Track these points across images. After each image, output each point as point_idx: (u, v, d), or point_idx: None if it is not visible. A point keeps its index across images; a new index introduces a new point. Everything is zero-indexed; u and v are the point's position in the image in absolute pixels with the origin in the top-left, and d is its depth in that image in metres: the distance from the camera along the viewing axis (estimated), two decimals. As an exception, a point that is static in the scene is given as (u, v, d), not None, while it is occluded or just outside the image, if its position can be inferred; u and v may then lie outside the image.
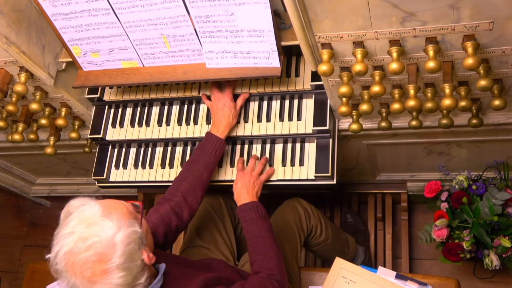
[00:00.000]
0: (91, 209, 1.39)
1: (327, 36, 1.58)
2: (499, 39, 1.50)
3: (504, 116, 1.96)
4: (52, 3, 1.80)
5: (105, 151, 2.30)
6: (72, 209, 1.42)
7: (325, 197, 2.87)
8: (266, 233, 1.86)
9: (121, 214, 1.40)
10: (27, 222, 3.58)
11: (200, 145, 2.01)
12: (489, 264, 2.25)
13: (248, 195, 1.95)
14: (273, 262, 1.79)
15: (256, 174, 2.03)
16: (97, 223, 1.36)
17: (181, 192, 1.90)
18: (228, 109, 2.03)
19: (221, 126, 2.02)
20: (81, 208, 1.40)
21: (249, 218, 1.89)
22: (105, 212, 1.38)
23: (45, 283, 2.21)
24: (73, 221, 1.37)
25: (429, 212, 2.68)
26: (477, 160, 2.31)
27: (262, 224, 1.88)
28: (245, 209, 1.92)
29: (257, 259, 1.81)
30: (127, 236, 1.37)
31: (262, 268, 1.77)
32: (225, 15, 1.73)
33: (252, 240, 1.85)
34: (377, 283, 1.94)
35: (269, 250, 1.82)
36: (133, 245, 1.38)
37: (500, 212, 2.20)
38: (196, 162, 1.97)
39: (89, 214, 1.38)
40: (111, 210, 1.40)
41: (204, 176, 1.96)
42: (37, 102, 2.11)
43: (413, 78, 1.66)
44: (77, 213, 1.39)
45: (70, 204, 1.43)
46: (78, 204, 1.42)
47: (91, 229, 1.35)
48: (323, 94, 1.99)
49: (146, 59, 1.98)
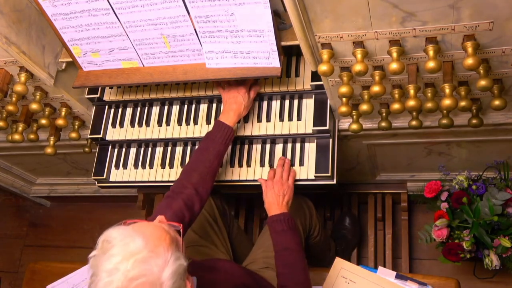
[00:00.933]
0: (135, 243, 1.27)
1: (327, 36, 1.58)
2: (499, 39, 1.50)
3: (504, 116, 1.96)
4: (52, 3, 1.80)
5: (105, 151, 2.30)
6: (113, 240, 1.29)
7: (325, 197, 2.87)
8: (296, 246, 1.85)
9: (166, 245, 1.31)
10: (27, 222, 3.58)
11: (210, 134, 1.97)
12: (489, 264, 2.25)
13: (279, 206, 1.94)
14: (301, 277, 1.78)
15: (285, 181, 2.00)
16: (143, 260, 1.25)
17: (192, 184, 1.86)
18: (242, 98, 2.00)
19: (231, 114, 1.98)
20: (125, 241, 1.28)
21: (279, 230, 1.88)
22: (150, 245, 1.28)
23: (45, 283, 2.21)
24: (116, 257, 1.25)
25: (429, 212, 2.67)
26: (477, 160, 2.31)
27: (292, 236, 1.87)
28: (276, 220, 1.91)
29: (284, 272, 1.80)
30: (173, 272, 1.29)
31: (288, 282, 1.77)
32: (225, 15, 1.73)
33: (281, 253, 1.84)
34: (377, 283, 1.94)
35: (297, 264, 1.81)
36: (179, 279, 1.30)
37: (500, 212, 2.20)
38: (206, 151, 1.93)
39: (134, 249, 1.27)
40: (156, 242, 1.30)
41: (214, 166, 1.92)
42: (37, 102, 2.11)
43: (413, 78, 1.66)
44: (120, 246, 1.27)
45: (111, 235, 1.30)
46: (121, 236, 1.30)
47: (137, 267, 1.25)
48: (323, 94, 1.99)
49: (146, 59, 1.99)
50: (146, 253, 1.26)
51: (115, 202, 3.31)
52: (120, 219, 1.42)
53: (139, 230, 1.32)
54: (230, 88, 2.04)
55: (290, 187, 1.99)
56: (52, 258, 3.31)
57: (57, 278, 2.20)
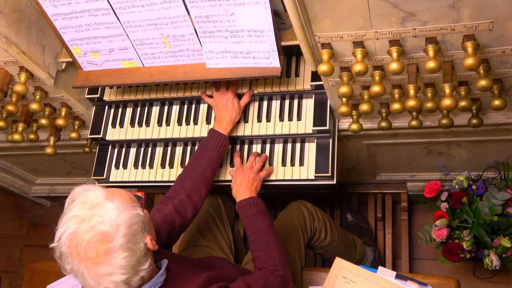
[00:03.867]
0: (94, 194, 1.42)
1: (327, 36, 1.58)
2: (499, 39, 1.50)
3: (504, 116, 1.96)
4: (52, 3, 1.80)
5: (105, 151, 2.30)
6: (76, 195, 1.44)
7: (325, 197, 2.86)
8: (268, 228, 1.84)
9: (124, 198, 1.43)
10: (27, 222, 3.58)
11: (204, 142, 2.00)
12: (489, 264, 2.25)
13: (248, 191, 1.93)
14: (276, 257, 1.77)
15: (255, 170, 2.01)
16: (100, 205, 1.38)
17: (185, 190, 1.89)
18: (232, 105, 2.02)
19: (224, 123, 2.01)
20: (85, 193, 1.43)
21: (250, 214, 1.87)
22: (108, 196, 1.41)
23: (45, 283, 2.21)
24: (76, 206, 1.40)
25: (429, 212, 2.68)
26: (477, 160, 2.31)
27: (263, 219, 1.86)
28: (244, 204, 1.89)
29: (259, 255, 1.79)
30: (130, 218, 1.39)
31: (265, 264, 1.76)
32: (225, 15, 1.73)
33: (254, 236, 1.83)
34: (377, 283, 1.94)
35: (271, 245, 1.80)
36: (136, 227, 1.40)
37: (500, 212, 2.20)
38: (199, 159, 1.96)
39: (93, 198, 1.41)
40: (114, 195, 1.42)
41: (208, 173, 1.94)
42: (37, 102, 2.11)
43: (413, 78, 1.66)
44: (80, 198, 1.42)
45: (74, 191, 1.46)
46: (82, 190, 1.44)
47: (94, 210, 1.37)
48: (323, 94, 1.99)
49: (146, 59, 1.99)
50: (103, 200, 1.40)
51: (115, 202, 3.31)
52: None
53: (100, 187, 1.45)
54: (217, 95, 2.07)
55: (259, 178, 2.00)
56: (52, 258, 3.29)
57: (57, 278, 2.20)
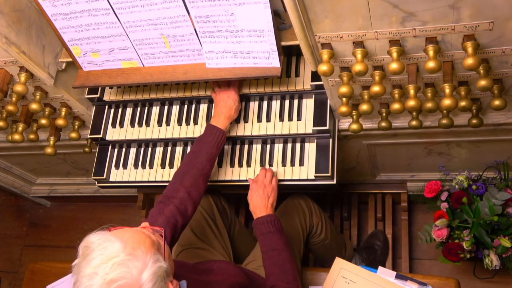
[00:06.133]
0: (113, 247, 1.28)
1: (327, 36, 1.58)
2: (499, 39, 1.50)
3: (504, 116, 1.96)
4: (52, 3, 1.80)
5: (105, 151, 2.30)
6: (92, 245, 1.30)
7: (325, 197, 2.87)
8: (283, 246, 1.86)
9: (145, 248, 1.31)
10: (27, 222, 3.58)
11: (202, 137, 1.99)
12: (489, 264, 2.25)
13: (264, 208, 1.95)
14: (290, 276, 1.79)
15: (268, 182, 2.01)
16: (122, 263, 1.26)
17: (185, 187, 1.87)
18: (232, 101, 2.03)
19: (222, 117, 2.01)
20: (103, 245, 1.29)
21: (266, 232, 1.89)
22: (128, 249, 1.28)
23: (45, 283, 2.21)
24: (95, 261, 1.26)
25: (429, 212, 2.68)
26: (477, 160, 2.31)
27: (279, 237, 1.88)
28: (262, 222, 1.91)
29: (274, 272, 1.80)
30: (153, 274, 1.28)
31: (280, 281, 1.77)
32: (225, 15, 1.73)
33: (269, 253, 1.84)
34: (377, 283, 1.94)
35: (286, 263, 1.81)
36: (159, 281, 1.30)
37: (500, 212, 2.20)
38: (198, 154, 1.94)
39: (112, 252, 1.27)
40: (134, 245, 1.30)
41: (207, 169, 1.94)
42: (37, 102, 2.11)
43: (413, 78, 1.66)
44: (98, 250, 1.28)
45: (90, 240, 1.31)
46: (99, 240, 1.30)
47: (116, 270, 1.25)
48: (323, 94, 1.99)
49: (146, 59, 1.99)
50: (124, 256, 1.27)
51: (115, 202, 3.31)
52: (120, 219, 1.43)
53: (118, 235, 1.32)
54: (220, 91, 2.06)
55: (274, 189, 2.00)
56: (52, 258, 3.31)
57: (57, 278, 2.20)
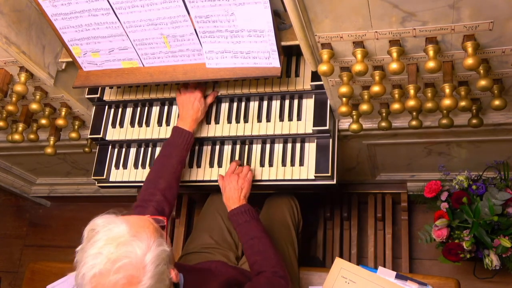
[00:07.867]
0: (118, 228, 1.32)
1: (327, 36, 1.58)
2: (499, 39, 1.50)
3: (504, 116, 1.96)
4: (52, 3, 1.80)
5: (105, 151, 2.30)
6: (97, 227, 1.35)
7: (325, 197, 2.86)
8: (262, 233, 1.88)
9: (149, 232, 1.35)
10: (27, 222, 3.58)
11: (171, 141, 2.02)
12: (489, 264, 2.25)
13: (237, 200, 1.96)
14: (274, 260, 1.80)
15: (244, 175, 2.02)
16: (126, 243, 1.30)
17: (160, 190, 1.90)
18: (199, 104, 2.05)
19: (189, 120, 2.03)
20: (108, 226, 1.33)
21: (243, 221, 1.90)
22: (133, 231, 1.33)
23: (45, 283, 2.21)
24: (100, 241, 1.30)
25: (429, 212, 2.68)
26: (477, 160, 2.31)
27: (256, 225, 1.90)
28: (236, 213, 1.93)
29: (257, 259, 1.81)
30: (157, 256, 1.32)
31: (264, 267, 1.78)
32: (225, 15, 1.73)
33: (249, 242, 1.86)
34: (377, 283, 1.94)
35: (267, 249, 1.83)
36: (162, 264, 1.33)
37: (500, 212, 2.20)
38: (169, 158, 1.97)
39: (117, 234, 1.31)
40: (139, 229, 1.34)
41: (178, 171, 1.97)
42: (37, 102, 2.11)
43: (413, 78, 1.66)
44: (103, 232, 1.32)
45: (96, 223, 1.36)
46: (104, 222, 1.35)
47: (120, 250, 1.29)
48: (323, 94, 1.99)
49: (146, 59, 1.98)
50: (129, 237, 1.31)
51: (115, 202, 3.30)
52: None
53: (123, 218, 1.37)
54: (185, 92, 2.08)
55: (247, 180, 2.00)
56: (52, 258, 3.30)
57: (57, 278, 2.20)
